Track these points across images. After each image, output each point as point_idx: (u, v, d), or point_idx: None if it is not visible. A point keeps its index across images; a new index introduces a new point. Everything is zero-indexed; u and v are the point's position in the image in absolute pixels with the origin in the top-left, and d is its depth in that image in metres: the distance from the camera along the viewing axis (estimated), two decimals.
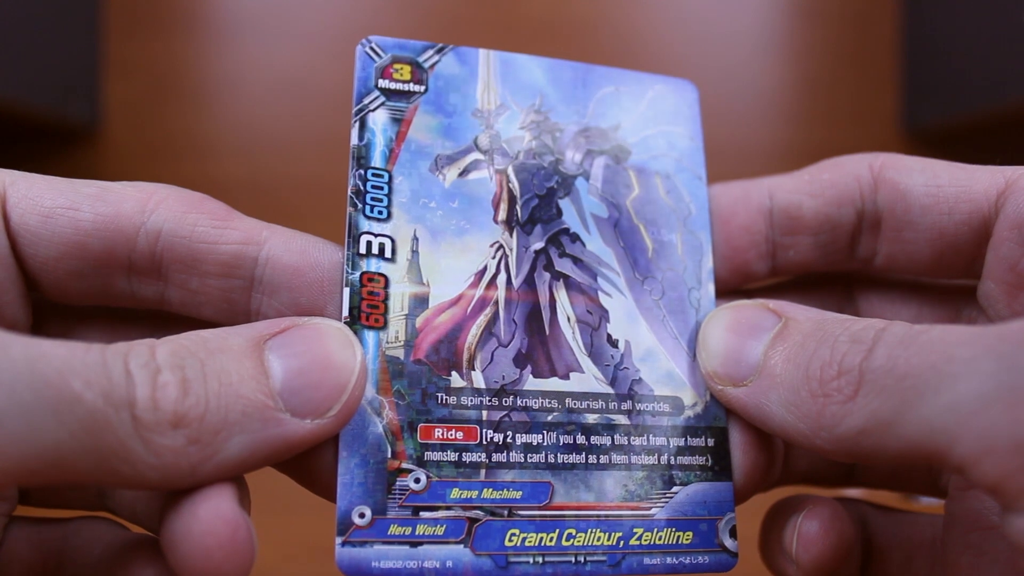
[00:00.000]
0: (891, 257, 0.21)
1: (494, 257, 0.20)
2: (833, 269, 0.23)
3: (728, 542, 0.19)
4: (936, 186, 0.20)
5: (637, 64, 0.70)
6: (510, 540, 0.18)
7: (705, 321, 0.20)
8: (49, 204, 0.18)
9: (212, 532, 0.15)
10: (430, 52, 0.21)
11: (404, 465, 0.18)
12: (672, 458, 0.19)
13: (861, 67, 0.70)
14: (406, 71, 0.21)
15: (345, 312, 0.18)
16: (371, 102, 0.20)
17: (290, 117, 0.67)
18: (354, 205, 0.19)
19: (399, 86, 0.21)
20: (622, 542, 0.19)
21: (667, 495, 0.19)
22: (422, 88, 0.21)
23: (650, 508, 0.19)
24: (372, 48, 0.21)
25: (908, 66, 0.69)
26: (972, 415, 0.14)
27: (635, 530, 0.19)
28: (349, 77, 0.21)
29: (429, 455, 0.18)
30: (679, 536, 0.19)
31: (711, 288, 0.21)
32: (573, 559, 0.18)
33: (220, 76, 0.67)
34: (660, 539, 0.19)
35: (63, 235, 0.18)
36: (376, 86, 0.20)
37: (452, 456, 0.18)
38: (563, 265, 0.21)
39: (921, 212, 0.20)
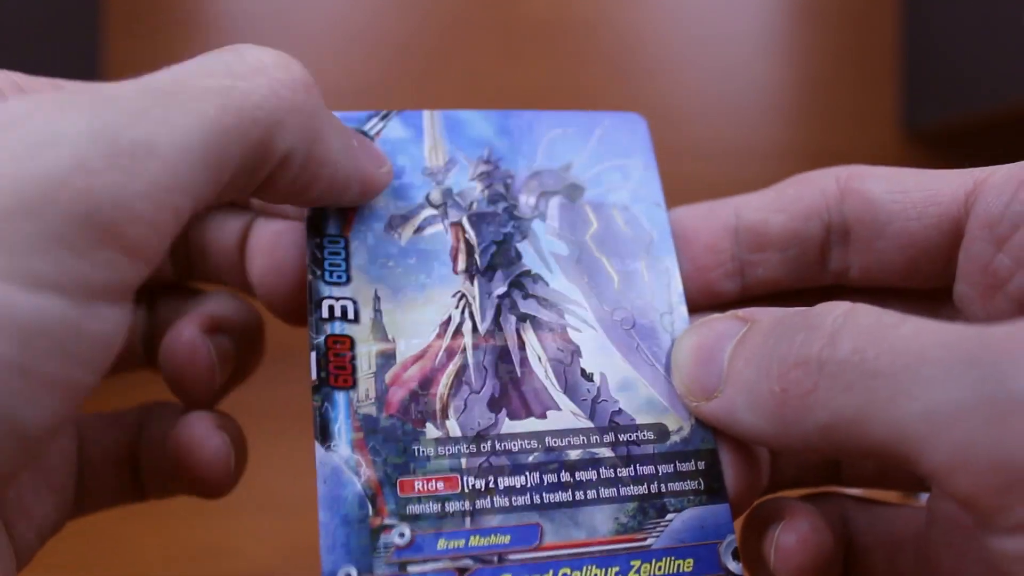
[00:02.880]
0: (865, 269, 0.21)
1: (457, 307, 0.20)
2: (807, 285, 0.22)
3: (732, 564, 0.19)
4: (902, 192, 0.20)
5: (637, 65, 0.70)
6: None
7: (676, 341, 0.20)
8: None
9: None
10: (374, 120, 0.22)
11: (387, 521, 0.18)
12: (663, 485, 0.19)
13: (861, 67, 0.70)
14: None
15: (313, 375, 0.19)
16: None
17: None
18: (313, 272, 0.20)
19: None
20: None
21: (662, 524, 0.19)
22: None
23: (646, 539, 0.18)
24: None
25: (908, 66, 0.69)
26: (947, 425, 0.14)
27: (632, 563, 0.18)
28: (349, 77, 0.21)
29: (411, 508, 0.18)
30: (679, 564, 0.18)
31: (683, 310, 0.21)
32: None
33: None
34: (659, 570, 0.18)
35: None
36: None
37: (435, 507, 0.18)
38: (528, 306, 0.21)
39: (889, 218, 0.20)
